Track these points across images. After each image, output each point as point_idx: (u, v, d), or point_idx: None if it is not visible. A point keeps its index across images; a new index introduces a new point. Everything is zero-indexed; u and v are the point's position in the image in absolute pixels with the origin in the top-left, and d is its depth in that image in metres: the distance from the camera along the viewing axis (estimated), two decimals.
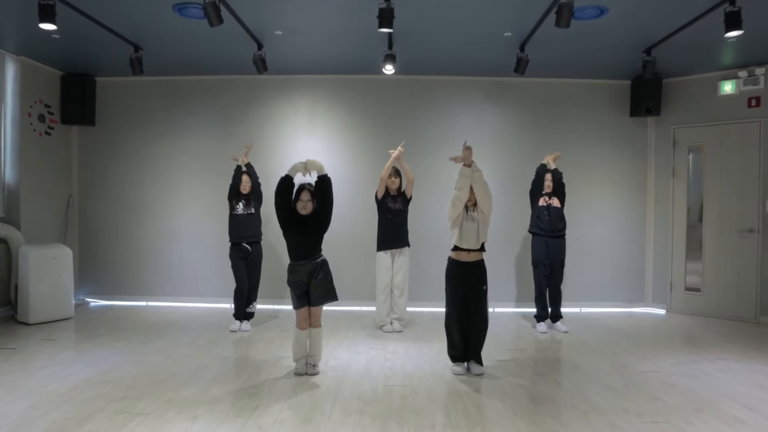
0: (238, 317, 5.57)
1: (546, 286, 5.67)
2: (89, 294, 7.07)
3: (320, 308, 4.12)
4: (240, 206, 5.50)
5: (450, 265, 4.25)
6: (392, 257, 5.54)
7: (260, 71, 5.67)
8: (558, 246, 5.64)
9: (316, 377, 4.05)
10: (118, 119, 7.04)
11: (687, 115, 6.62)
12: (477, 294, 4.15)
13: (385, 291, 5.54)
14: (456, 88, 6.88)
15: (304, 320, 4.08)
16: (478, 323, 4.17)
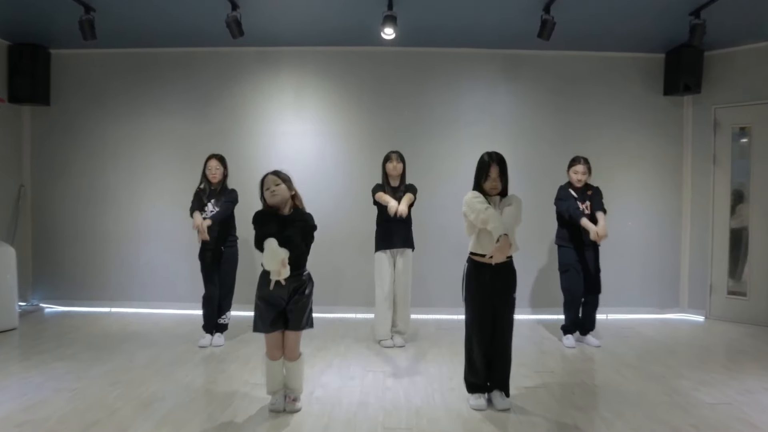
0: (208, 329, 4.69)
1: (579, 294, 4.73)
2: (44, 299, 6.16)
3: (299, 334, 3.21)
4: (210, 206, 4.57)
5: (471, 269, 3.33)
6: (392, 259, 4.64)
7: (235, 35, 4.77)
8: (594, 252, 4.73)
9: (297, 414, 3.18)
10: (76, 98, 6.10)
11: (731, 93, 5.73)
12: (505, 304, 3.28)
13: (385, 300, 4.61)
14: (465, 62, 5.98)
15: (277, 348, 3.18)
16: (507, 341, 3.29)
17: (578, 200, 4.67)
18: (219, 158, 4.66)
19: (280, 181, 3.10)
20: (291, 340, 3.17)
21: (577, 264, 4.67)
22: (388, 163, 4.61)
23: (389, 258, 4.62)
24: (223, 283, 4.66)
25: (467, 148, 5.96)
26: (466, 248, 5.75)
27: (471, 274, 3.32)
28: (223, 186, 4.66)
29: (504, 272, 3.28)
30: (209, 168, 4.61)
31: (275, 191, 3.07)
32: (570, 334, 4.82)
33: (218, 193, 4.62)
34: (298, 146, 5.98)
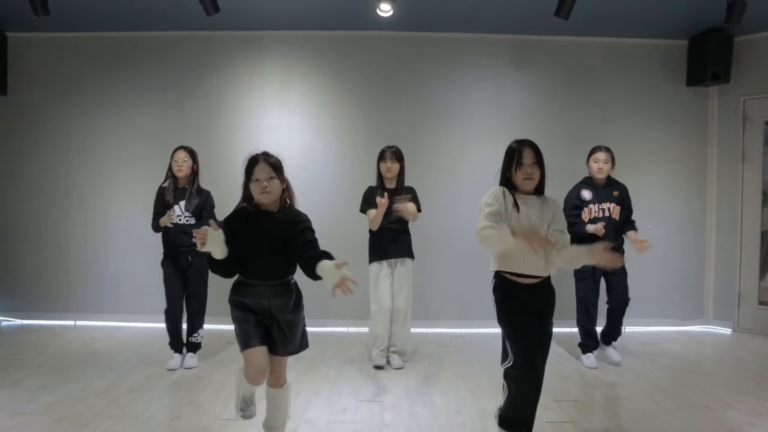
0: (177, 347, 4.09)
1: (595, 304, 4.19)
2: (2, 311, 5.53)
3: (287, 359, 2.62)
4: (178, 208, 3.99)
5: (503, 288, 2.59)
6: (390, 270, 4.05)
7: (209, 12, 4.17)
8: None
9: None
10: (36, 87, 5.48)
11: (763, 83, 5.21)
12: (545, 329, 2.59)
13: (382, 318, 4.00)
14: (469, 48, 5.42)
15: (261, 371, 2.46)
16: (542, 370, 2.59)
17: (596, 201, 4.07)
18: (188, 150, 4.08)
19: (274, 174, 2.47)
20: (279, 364, 2.58)
21: (593, 270, 4.07)
22: (382, 164, 4.03)
23: (386, 269, 4.03)
24: (192, 296, 4.08)
25: (472, 144, 5.43)
26: (469, 254, 5.28)
27: (504, 294, 2.58)
28: (194, 184, 4.08)
29: (543, 291, 2.58)
30: (176, 159, 4.04)
31: (268, 188, 2.44)
32: (590, 352, 4.24)
33: (189, 193, 4.03)
34: (283, 142, 5.35)
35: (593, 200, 4.08)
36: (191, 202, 4.01)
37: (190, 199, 4.02)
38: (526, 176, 2.51)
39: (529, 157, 2.52)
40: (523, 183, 2.53)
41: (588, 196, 4.09)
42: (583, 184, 4.17)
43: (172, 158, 4.06)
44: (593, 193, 4.09)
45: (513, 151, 2.57)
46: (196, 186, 4.09)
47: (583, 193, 4.11)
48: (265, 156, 2.50)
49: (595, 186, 4.13)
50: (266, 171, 2.45)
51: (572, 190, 4.17)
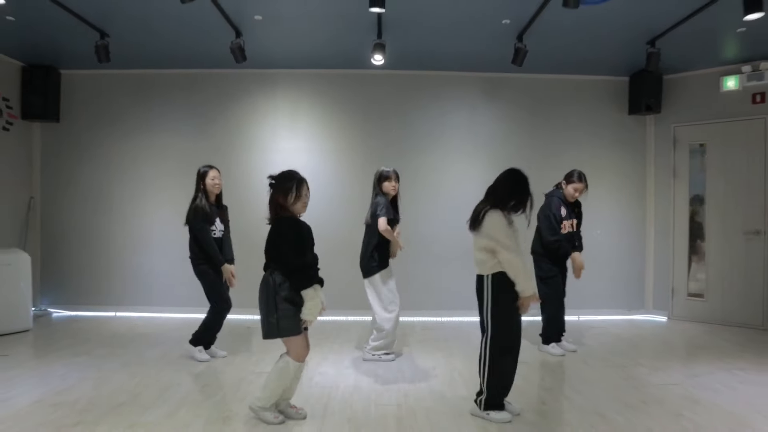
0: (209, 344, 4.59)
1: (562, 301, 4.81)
2: (52, 304, 6.51)
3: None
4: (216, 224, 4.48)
5: (503, 284, 3.19)
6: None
7: (238, 60, 5.24)
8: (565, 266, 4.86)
9: (301, 394, 3.59)
10: (84, 115, 6.52)
11: (688, 113, 6.33)
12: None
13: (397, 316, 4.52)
14: (448, 84, 6.51)
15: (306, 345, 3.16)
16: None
17: (568, 218, 4.71)
18: (218, 169, 4.56)
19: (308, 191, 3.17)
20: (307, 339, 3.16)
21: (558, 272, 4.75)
22: (387, 183, 4.48)
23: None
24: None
25: (450, 163, 6.49)
26: (448, 254, 6.33)
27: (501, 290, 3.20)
28: (221, 200, 4.59)
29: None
30: (212, 178, 4.44)
31: (306, 204, 3.15)
32: (555, 342, 4.81)
33: (221, 209, 4.55)
34: (292, 162, 6.34)
35: (567, 216, 4.77)
36: (223, 217, 4.54)
37: (222, 214, 4.54)
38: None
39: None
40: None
41: (564, 213, 4.77)
42: (559, 201, 4.72)
43: (207, 176, 4.43)
44: (566, 210, 4.78)
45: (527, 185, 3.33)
46: (221, 202, 4.58)
47: (562, 210, 4.71)
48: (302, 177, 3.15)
49: (566, 204, 4.75)
50: (308, 190, 3.15)
51: (553, 204, 4.75)
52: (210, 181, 4.45)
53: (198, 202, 4.38)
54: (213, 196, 4.49)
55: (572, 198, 4.77)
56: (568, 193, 4.76)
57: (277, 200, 3.10)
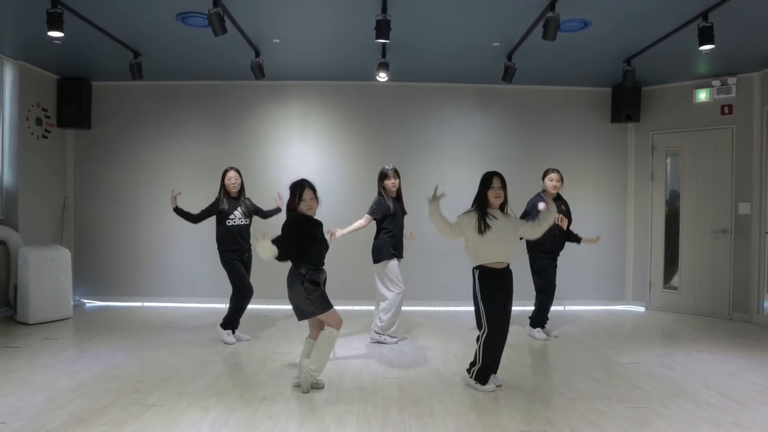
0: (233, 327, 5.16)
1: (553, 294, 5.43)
2: (85, 295, 7.16)
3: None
4: (237, 213, 5.12)
5: (484, 275, 3.83)
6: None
7: (258, 77, 5.86)
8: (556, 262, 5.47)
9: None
10: (113, 123, 7.16)
11: (665, 122, 6.95)
12: (510, 301, 3.91)
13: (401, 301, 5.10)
14: (446, 94, 7.13)
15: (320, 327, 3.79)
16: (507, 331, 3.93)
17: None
18: (236, 170, 5.18)
19: (313, 195, 3.76)
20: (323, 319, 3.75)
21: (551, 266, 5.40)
22: (387, 181, 5.00)
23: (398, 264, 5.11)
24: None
25: (447, 167, 7.11)
26: (444, 252, 6.97)
27: (485, 280, 3.79)
28: (243, 195, 5.19)
29: (509, 275, 3.89)
30: (229, 178, 5.07)
31: (311, 206, 3.74)
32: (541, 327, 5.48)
33: (242, 202, 5.14)
34: (303, 166, 7.02)
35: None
36: (244, 207, 5.16)
37: (244, 204, 5.18)
38: (496, 195, 3.84)
39: (498, 183, 3.87)
40: (494, 200, 3.85)
41: (543, 207, 5.24)
42: (539, 198, 5.35)
43: (225, 177, 5.10)
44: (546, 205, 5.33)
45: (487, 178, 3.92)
46: (244, 195, 5.25)
47: (540, 204, 5.34)
48: (310, 183, 3.79)
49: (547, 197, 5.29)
50: (311, 194, 3.77)
51: (532, 201, 5.45)
52: (227, 181, 5.15)
53: (217, 197, 5.18)
54: (232, 192, 5.15)
55: (553, 189, 5.34)
56: (548, 186, 5.37)
57: (288, 203, 3.80)
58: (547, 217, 4.00)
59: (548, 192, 5.42)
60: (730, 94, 6.41)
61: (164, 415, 3.32)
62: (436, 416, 3.36)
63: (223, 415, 3.33)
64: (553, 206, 4.03)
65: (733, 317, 6.41)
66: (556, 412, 3.46)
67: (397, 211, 5.13)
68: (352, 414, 3.38)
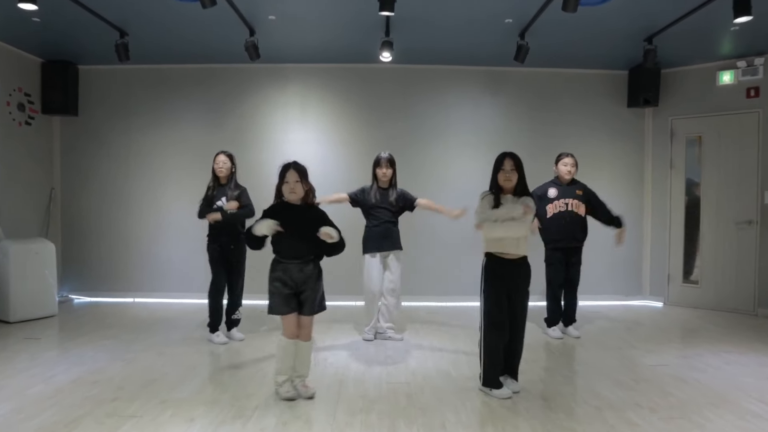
0: (215, 328, 4.79)
1: (561, 287, 5.11)
2: (72, 290, 6.81)
3: (313, 318, 3.44)
4: (220, 202, 4.70)
5: (490, 264, 3.55)
6: (382, 259, 4.83)
7: (252, 58, 5.47)
8: (577, 252, 5.09)
9: (317, 373, 3.87)
10: (102, 109, 6.77)
11: (685, 106, 6.55)
12: (523, 296, 3.57)
13: (373, 301, 4.85)
14: (453, 78, 6.73)
15: (294, 326, 3.36)
16: (523, 330, 3.59)
17: (560, 197, 4.93)
18: (227, 154, 4.79)
19: (298, 178, 3.30)
20: (306, 323, 3.38)
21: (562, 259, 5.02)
22: (378, 169, 4.77)
23: (377, 259, 4.78)
24: (235, 279, 4.79)
25: (455, 155, 6.73)
26: (451, 244, 6.60)
27: (490, 270, 3.52)
28: (233, 181, 4.77)
29: (521, 269, 3.55)
30: (217, 162, 4.74)
31: (294, 189, 3.29)
32: (555, 326, 5.10)
33: (229, 189, 4.72)
34: (302, 152, 6.61)
35: (557, 197, 5.02)
36: (231, 196, 4.69)
37: (230, 194, 4.70)
38: (505, 179, 3.49)
39: (509, 165, 3.51)
40: (504, 183, 3.51)
41: (553, 194, 5.05)
42: (551, 183, 5.05)
43: (215, 161, 4.76)
44: (558, 191, 5.06)
45: (498, 160, 3.58)
46: (234, 183, 4.78)
47: (550, 191, 5.08)
48: (296, 165, 3.34)
49: (560, 185, 5.02)
50: (294, 176, 3.29)
51: (540, 187, 5.08)
52: (215, 165, 4.79)
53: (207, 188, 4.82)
54: (221, 178, 4.78)
55: (566, 174, 5.00)
56: (561, 171, 5.02)
57: (276, 186, 3.39)
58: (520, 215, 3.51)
59: (562, 178, 5.06)
60: (757, 76, 6.00)
61: (143, 428, 2.96)
62: (448, 429, 3.00)
63: (209, 428, 2.97)
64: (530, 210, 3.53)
65: (759, 313, 6.03)
66: (581, 422, 3.10)
67: (383, 204, 4.77)
68: (354, 426, 3.03)
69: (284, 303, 3.33)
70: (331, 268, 3.98)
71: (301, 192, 3.34)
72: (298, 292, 3.36)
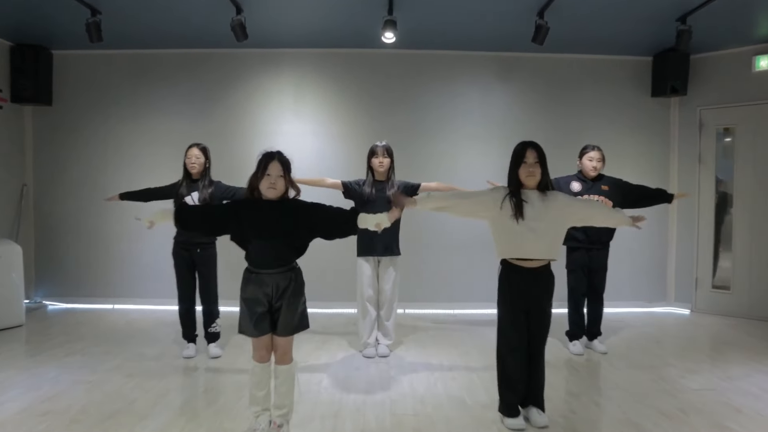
0: (190, 338, 4.35)
1: (584, 296, 4.58)
2: (47, 296, 6.26)
3: (291, 338, 2.83)
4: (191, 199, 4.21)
5: (504, 273, 3.06)
6: (376, 264, 4.33)
7: (239, 39, 4.90)
8: (601, 256, 4.53)
9: (309, 401, 3.32)
10: (78, 98, 6.18)
11: (716, 95, 5.97)
12: (542, 312, 3.05)
13: (368, 314, 4.34)
14: (460, 64, 6.16)
15: (266, 349, 2.80)
16: (543, 352, 3.08)
17: (585, 193, 4.36)
18: (201, 148, 4.31)
19: (282, 172, 2.71)
20: (281, 344, 2.79)
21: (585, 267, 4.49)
22: (374, 159, 4.25)
23: (371, 264, 4.30)
24: (205, 287, 4.32)
25: (462, 149, 6.17)
26: (459, 245, 6.04)
27: (506, 280, 3.04)
28: (206, 178, 4.29)
29: (543, 278, 3.03)
30: (189, 156, 4.27)
31: (275, 185, 2.70)
32: (577, 340, 4.55)
33: (202, 186, 4.24)
34: (297, 146, 6.06)
35: (581, 192, 4.42)
36: (203, 194, 4.21)
37: (203, 191, 4.22)
38: (528, 173, 2.95)
39: (532, 157, 2.97)
40: (526, 179, 2.97)
41: (577, 188, 4.45)
42: (575, 177, 4.49)
43: (186, 155, 4.29)
44: (583, 186, 4.47)
45: (518, 151, 3.02)
46: (208, 179, 4.28)
47: (573, 184, 4.40)
48: (281, 155, 2.74)
49: (584, 180, 4.44)
50: (278, 169, 2.69)
51: (562, 179, 4.48)
52: (187, 159, 4.31)
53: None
54: (192, 173, 4.30)
55: (592, 170, 4.43)
56: (585, 166, 4.46)
57: (251, 178, 2.77)
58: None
59: (586, 173, 4.48)
60: None
61: None
62: None
63: None
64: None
65: None
66: None
67: (378, 200, 4.18)
68: None
69: (255, 322, 2.75)
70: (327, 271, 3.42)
71: (282, 189, 2.75)
72: (274, 308, 2.78)
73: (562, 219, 3.03)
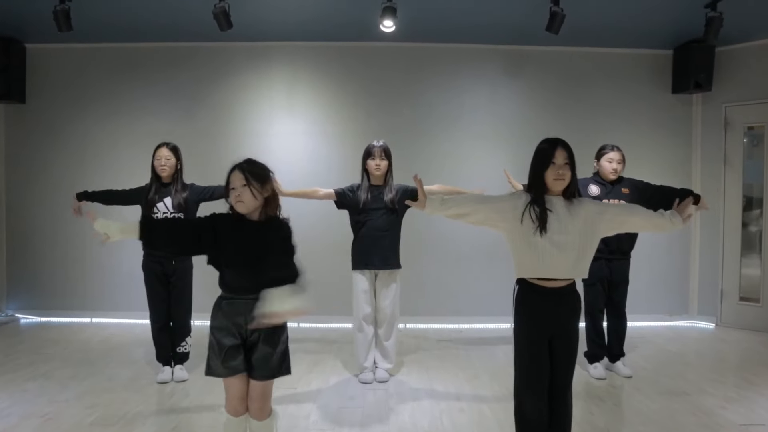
0: (165, 361, 3.94)
1: (602, 312, 4.15)
2: (20, 309, 5.80)
3: (270, 384, 2.37)
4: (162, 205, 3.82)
5: (522, 294, 2.53)
6: (372, 278, 3.91)
7: (223, 28, 4.46)
8: (622, 267, 4.13)
9: None
10: (54, 95, 5.74)
11: (744, 91, 5.51)
12: (567, 341, 2.52)
13: (364, 333, 3.92)
14: (466, 58, 5.71)
15: (240, 399, 2.34)
16: (569, 388, 2.54)
17: (604, 197, 3.94)
18: (171, 148, 3.91)
19: (246, 183, 2.29)
20: (258, 391, 2.33)
21: (605, 280, 4.09)
22: (370, 161, 3.84)
23: (367, 277, 3.89)
24: (178, 303, 3.93)
25: (468, 149, 5.73)
26: (465, 254, 5.58)
27: (524, 304, 2.52)
28: (179, 181, 3.90)
29: (568, 300, 2.52)
30: (158, 158, 3.86)
31: (241, 197, 2.30)
32: (598, 362, 4.11)
33: (175, 190, 3.85)
34: (289, 147, 5.67)
35: (600, 196, 3.99)
36: (176, 198, 3.84)
37: (176, 195, 3.85)
38: (557, 176, 2.46)
39: (562, 157, 2.48)
40: (554, 183, 2.46)
41: (595, 191, 4.04)
42: (592, 179, 4.10)
43: (154, 156, 3.91)
44: (602, 189, 4.05)
45: (545, 150, 2.52)
46: (181, 183, 3.92)
47: (591, 188, 4.03)
48: (245, 164, 2.36)
49: (603, 183, 4.07)
50: (240, 179, 2.30)
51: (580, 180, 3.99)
52: (156, 161, 3.91)
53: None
54: (162, 177, 3.90)
55: (611, 173, 4.02)
56: (604, 168, 4.05)
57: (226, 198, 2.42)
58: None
59: (605, 175, 4.05)
60: None
61: None
62: None
63: None
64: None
65: None
66: None
67: (375, 206, 3.82)
68: None
69: (225, 358, 2.28)
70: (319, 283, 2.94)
71: (253, 201, 2.31)
72: (248, 343, 2.32)
73: (592, 231, 2.52)
